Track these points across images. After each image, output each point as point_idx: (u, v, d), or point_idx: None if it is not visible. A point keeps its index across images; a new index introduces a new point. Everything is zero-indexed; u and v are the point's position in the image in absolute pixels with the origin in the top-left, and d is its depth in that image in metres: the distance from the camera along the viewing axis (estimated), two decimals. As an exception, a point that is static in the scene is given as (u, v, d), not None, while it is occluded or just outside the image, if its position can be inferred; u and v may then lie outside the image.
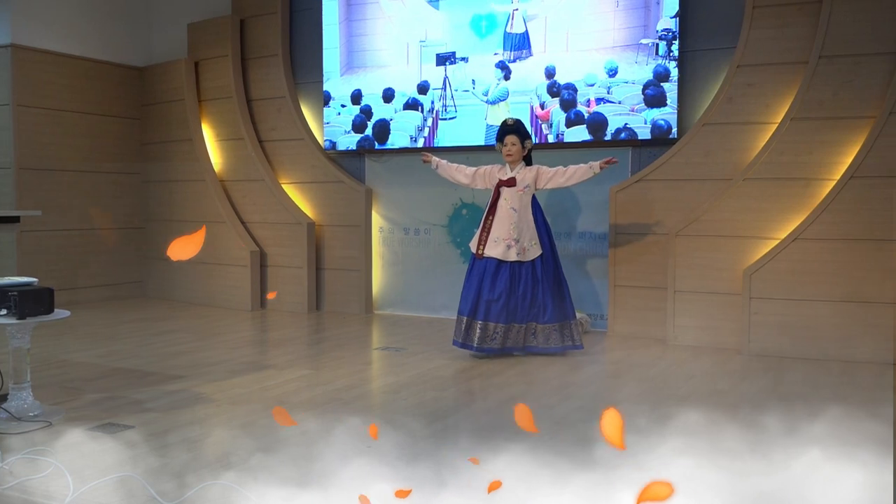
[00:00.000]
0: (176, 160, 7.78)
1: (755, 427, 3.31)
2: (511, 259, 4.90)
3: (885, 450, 2.97)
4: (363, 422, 3.34)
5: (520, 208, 4.95)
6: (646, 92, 5.74)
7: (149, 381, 4.25)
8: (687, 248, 5.51)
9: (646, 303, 5.78)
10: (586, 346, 5.33)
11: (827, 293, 5.01)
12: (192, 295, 7.61)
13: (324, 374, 4.50)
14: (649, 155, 5.90)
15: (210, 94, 7.65)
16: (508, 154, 5.00)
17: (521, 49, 6.22)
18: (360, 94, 6.91)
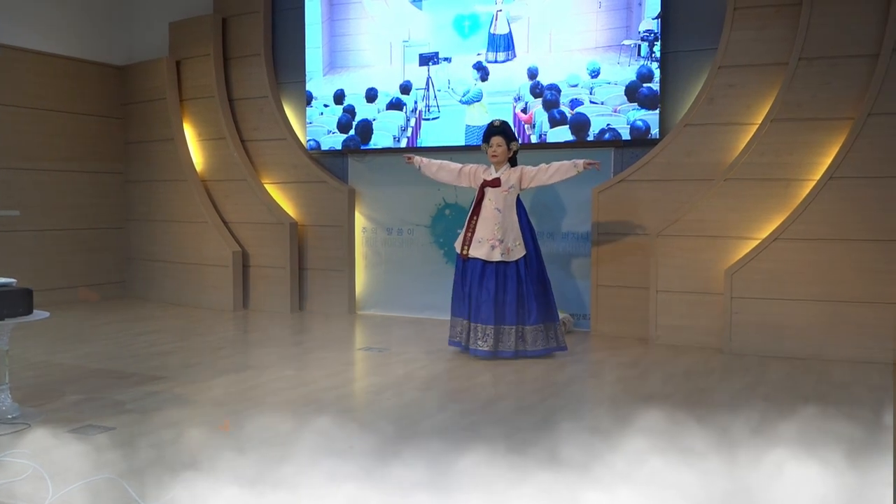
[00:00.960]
0: (157, 160, 7.75)
1: (728, 427, 3.35)
2: (495, 259, 4.92)
3: (853, 450, 3.01)
4: (341, 423, 3.35)
5: (504, 209, 4.97)
6: (629, 92, 5.78)
7: (129, 383, 4.23)
8: (669, 248, 5.55)
9: (628, 302, 5.81)
10: (570, 346, 5.36)
11: (807, 293, 5.07)
12: (174, 295, 7.58)
13: (306, 375, 4.50)
14: (632, 155, 5.94)
15: (192, 94, 7.63)
16: (494, 155, 5.02)
17: (506, 50, 6.25)
18: (342, 93, 6.91)
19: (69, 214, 7.58)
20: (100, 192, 7.86)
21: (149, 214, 7.85)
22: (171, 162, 7.62)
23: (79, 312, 6.89)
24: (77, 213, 7.66)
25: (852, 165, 4.97)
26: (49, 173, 7.38)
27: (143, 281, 7.91)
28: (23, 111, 7.14)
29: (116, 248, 8.04)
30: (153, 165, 7.79)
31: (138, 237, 7.97)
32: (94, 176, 7.81)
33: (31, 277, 6.16)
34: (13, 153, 7.06)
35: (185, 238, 7.50)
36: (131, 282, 8.04)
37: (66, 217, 7.55)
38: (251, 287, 7.26)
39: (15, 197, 6.98)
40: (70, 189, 7.57)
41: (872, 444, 3.10)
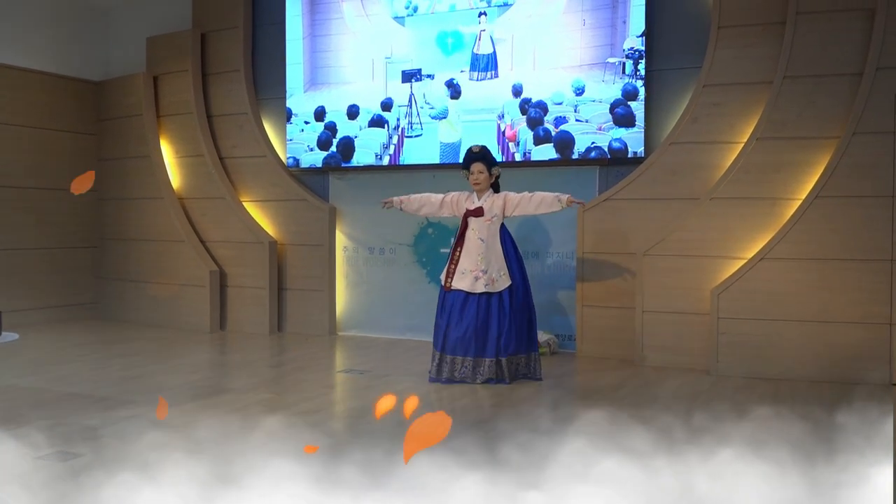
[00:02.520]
0: (133, 177, 7.67)
1: (711, 453, 3.30)
2: (479, 291, 4.88)
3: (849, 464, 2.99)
4: (321, 446, 3.30)
5: (487, 238, 4.94)
6: (615, 111, 5.81)
7: (101, 407, 4.15)
8: (654, 268, 5.56)
9: (614, 323, 5.81)
10: (554, 368, 5.33)
11: (794, 313, 5.09)
12: (149, 316, 7.48)
13: (285, 398, 4.44)
14: (616, 174, 5.96)
15: (169, 110, 7.58)
16: (476, 182, 5.00)
17: (488, 70, 6.26)
18: (323, 110, 6.90)
19: (41, 233, 7.47)
20: (73, 209, 7.76)
21: (123, 233, 7.76)
22: (147, 179, 7.55)
23: (50, 334, 6.77)
24: (49, 231, 7.56)
25: (838, 184, 5.01)
26: (20, 190, 7.29)
27: (117, 302, 7.80)
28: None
29: (89, 268, 7.93)
30: (129, 183, 7.71)
31: (112, 256, 7.87)
32: (67, 193, 7.67)
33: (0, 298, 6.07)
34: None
35: (161, 257, 7.42)
36: (105, 303, 7.93)
37: (38, 235, 7.45)
38: (229, 308, 7.18)
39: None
40: (42, 207, 7.48)
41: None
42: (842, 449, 3.28)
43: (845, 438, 3.45)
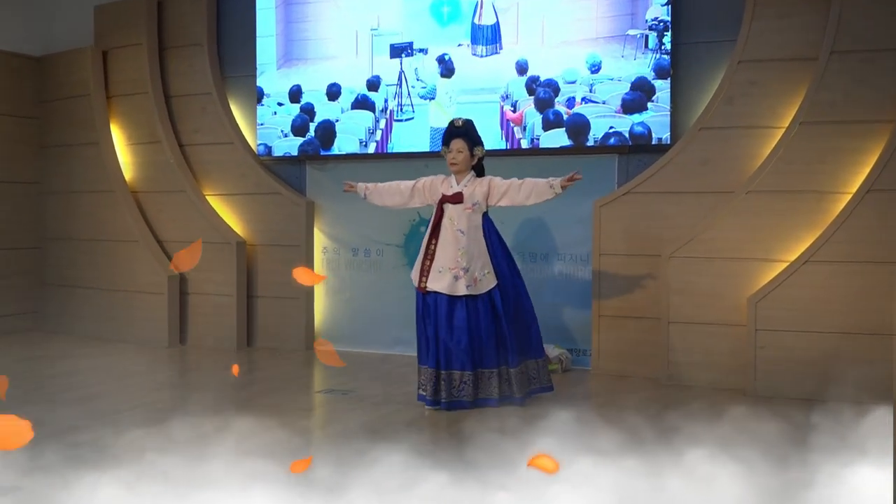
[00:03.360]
0: (79, 167, 7.67)
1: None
2: (460, 293, 4.78)
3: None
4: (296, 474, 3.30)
5: (468, 230, 4.84)
6: (636, 91, 5.81)
7: (40, 434, 4.13)
8: (682, 273, 5.56)
9: (636, 336, 5.81)
10: (566, 387, 5.33)
11: (843, 324, 5.09)
12: (99, 328, 7.47)
13: (254, 424, 4.43)
14: (638, 163, 5.97)
15: (121, 89, 7.57)
16: (453, 162, 4.91)
17: (491, 43, 6.27)
18: (299, 90, 6.89)
19: None
20: (9, 205, 7.75)
21: (68, 232, 7.75)
22: (95, 170, 7.54)
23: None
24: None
25: (894, 176, 5.01)
26: (-51, 183, 7.28)
27: (62, 311, 7.78)
28: (-82, 109, 7.05)
29: (29, 273, 7.92)
30: (74, 174, 7.70)
31: (56, 259, 7.85)
32: (4, 187, 7.71)
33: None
34: None
35: (112, 260, 7.41)
36: (47, 312, 7.91)
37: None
38: (190, 319, 7.17)
39: None
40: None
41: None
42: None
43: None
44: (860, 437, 4.06)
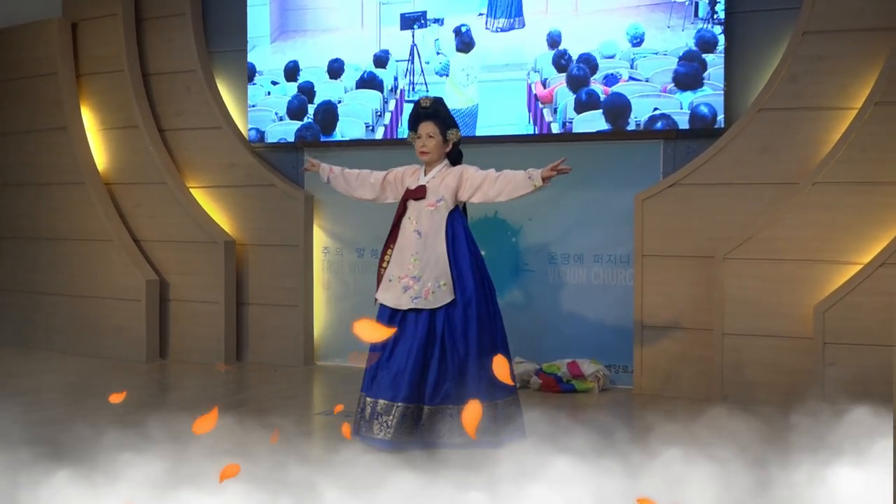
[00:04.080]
0: (44, 155, 7.68)
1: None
2: (405, 306, 4.51)
3: None
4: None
5: (427, 232, 4.58)
6: (684, 67, 5.77)
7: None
8: (738, 276, 5.53)
9: (684, 350, 5.78)
10: (606, 408, 5.28)
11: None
12: (65, 341, 7.48)
13: (244, 452, 4.41)
14: (687, 150, 5.94)
15: (92, 67, 7.58)
16: (423, 150, 4.67)
17: (511, 17, 6.24)
18: (296, 66, 6.89)
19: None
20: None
21: (30, 230, 7.77)
22: (62, 159, 7.55)
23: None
24: (-66, 227, 7.58)
25: None
26: None
27: (23, 322, 7.80)
28: None
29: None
30: (38, 163, 7.72)
31: (16, 262, 7.87)
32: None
33: None
34: None
35: (82, 262, 7.42)
36: (6, 323, 7.93)
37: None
38: (172, 329, 7.18)
39: None
40: (-75, 195, 7.51)
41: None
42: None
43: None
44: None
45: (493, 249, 6.45)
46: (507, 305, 6.41)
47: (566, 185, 6.19)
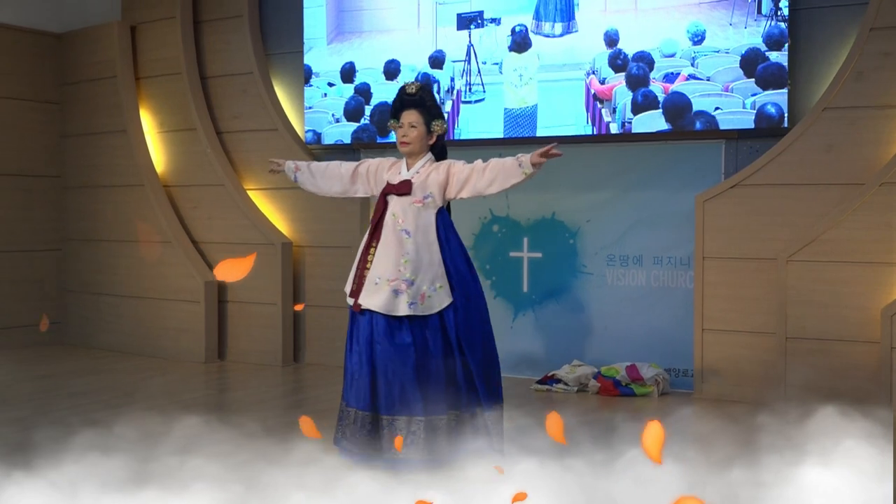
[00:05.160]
0: (105, 158, 7.81)
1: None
2: (401, 313, 4.21)
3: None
4: None
5: (416, 230, 4.27)
6: (747, 64, 5.71)
7: (57, 462, 4.19)
8: (803, 279, 5.45)
9: (746, 353, 5.71)
10: (666, 411, 5.24)
11: None
12: (127, 341, 7.60)
13: (304, 449, 4.44)
14: (750, 151, 5.87)
15: (151, 70, 7.69)
16: (404, 141, 4.36)
17: (562, 21, 6.20)
18: (353, 68, 6.92)
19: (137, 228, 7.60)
20: (26, 201, 7.94)
21: (93, 232, 7.91)
22: (122, 161, 7.67)
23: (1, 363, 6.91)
24: (1, 229, 7.74)
25: None
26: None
27: (85, 321, 7.94)
28: (-71, 95, 7.25)
29: (51, 278, 8.10)
30: (99, 166, 7.85)
31: (79, 262, 8.01)
32: (21, 180, 7.89)
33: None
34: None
35: (142, 263, 7.53)
36: (70, 322, 8.08)
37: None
38: (230, 330, 7.25)
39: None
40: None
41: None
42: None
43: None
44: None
45: (550, 251, 6.44)
46: (565, 307, 6.40)
47: (625, 186, 6.19)
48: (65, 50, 8.12)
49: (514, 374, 6.45)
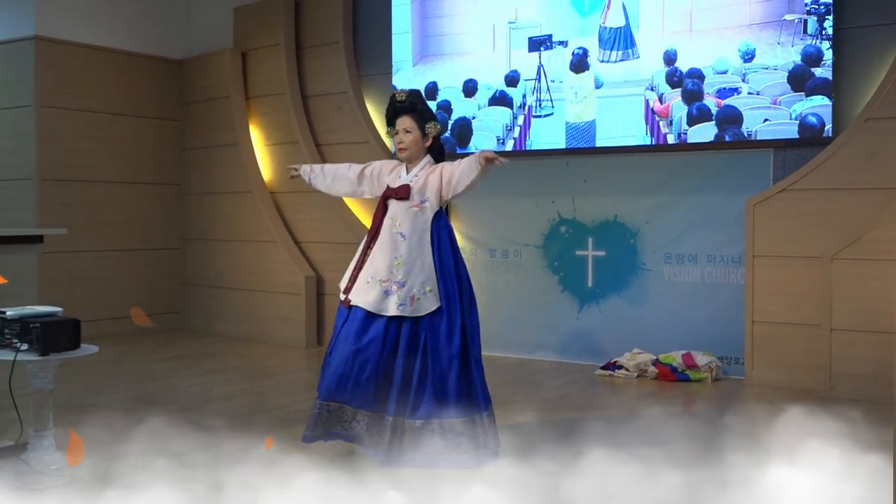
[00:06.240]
0: (219, 168, 8.04)
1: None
2: (389, 312, 3.95)
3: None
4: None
5: (412, 234, 4.03)
6: (794, 79, 5.64)
7: (187, 432, 4.36)
8: (847, 276, 5.36)
9: (794, 344, 5.64)
10: (717, 396, 5.21)
11: None
12: (238, 328, 7.82)
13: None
14: (797, 158, 5.79)
15: (259, 90, 7.90)
16: (400, 146, 4.15)
17: (622, 49, 6.20)
18: (435, 87, 7.02)
19: (118, 233, 7.95)
20: (153, 206, 8.23)
21: (208, 233, 8.16)
22: (234, 171, 7.89)
23: (129, 347, 7.19)
24: (127, 231, 8.03)
25: None
26: (98, 185, 7.78)
27: (202, 311, 8.19)
28: (69, 113, 7.56)
29: (172, 273, 8.39)
30: (214, 175, 8.09)
31: (196, 259, 8.28)
32: (148, 188, 8.17)
33: (76, 305, 6.50)
34: (59, 163, 7.48)
35: (251, 260, 7.74)
36: (189, 311, 8.35)
37: (115, 236, 7.93)
38: (328, 319, 7.40)
39: (59, 212, 7.39)
40: (120, 203, 7.96)
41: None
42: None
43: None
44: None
45: (613, 250, 6.44)
46: (626, 301, 6.40)
47: (681, 191, 6.16)
48: (185, 74, 8.39)
49: (579, 361, 6.49)
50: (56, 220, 7.27)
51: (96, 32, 7.77)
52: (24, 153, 7.37)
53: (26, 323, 3.62)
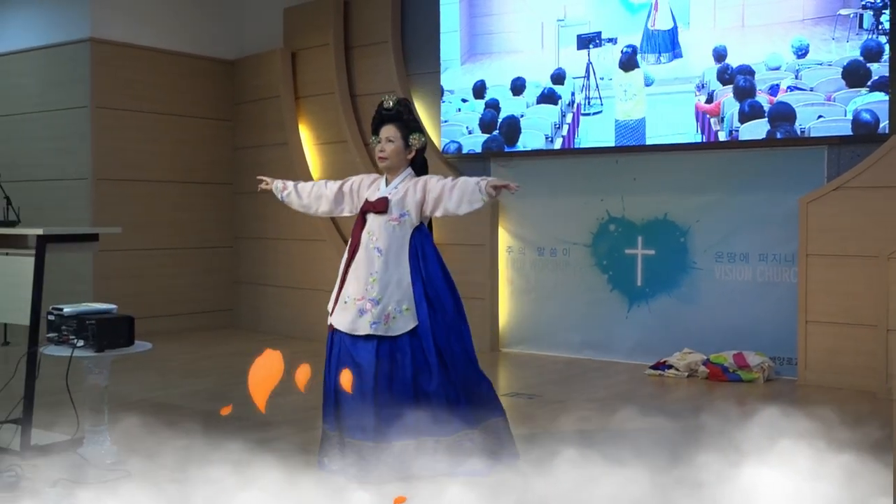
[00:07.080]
0: (270, 166, 8.07)
1: None
2: (362, 332, 3.75)
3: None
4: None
5: (388, 249, 3.81)
6: (849, 75, 5.52)
7: (238, 427, 4.41)
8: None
9: (848, 344, 5.53)
10: (770, 396, 5.11)
11: None
12: (287, 326, 7.88)
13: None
14: (851, 155, 5.68)
15: (309, 90, 7.95)
16: (381, 155, 3.94)
17: (668, 51, 6.12)
18: (483, 85, 7.00)
19: (172, 231, 8.06)
20: (207, 205, 8.33)
21: (259, 232, 8.23)
22: (284, 169, 7.92)
23: (182, 344, 7.29)
24: (180, 229, 8.13)
25: None
26: (152, 185, 7.89)
27: (254, 308, 8.27)
28: (123, 114, 7.68)
29: (225, 271, 8.48)
30: (265, 174, 8.03)
31: (248, 258, 8.35)
32: (201, 187, 8.27)
33: (130, 303, 6.60)
34: (114, 163, 7.60)
35: (300, 259, 7.79)
36: (241, 309, 8.43)
37: (169, 235, 8.05)
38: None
39: (114, 211, 7.51)
40: (173, 202, 8.07)
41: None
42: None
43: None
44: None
45: (662, 249, 6.37)
46: (676, 300, 6.32)
47: (732, 189, 6.07)
48: (236, 74, 8.48)
49: (628, 360, 6.42)
50: (111, 218, 7.39)
51: (149, 34, 7.88)
52: (80, 153, 7.51)
53: (82, 320, 3.70)
